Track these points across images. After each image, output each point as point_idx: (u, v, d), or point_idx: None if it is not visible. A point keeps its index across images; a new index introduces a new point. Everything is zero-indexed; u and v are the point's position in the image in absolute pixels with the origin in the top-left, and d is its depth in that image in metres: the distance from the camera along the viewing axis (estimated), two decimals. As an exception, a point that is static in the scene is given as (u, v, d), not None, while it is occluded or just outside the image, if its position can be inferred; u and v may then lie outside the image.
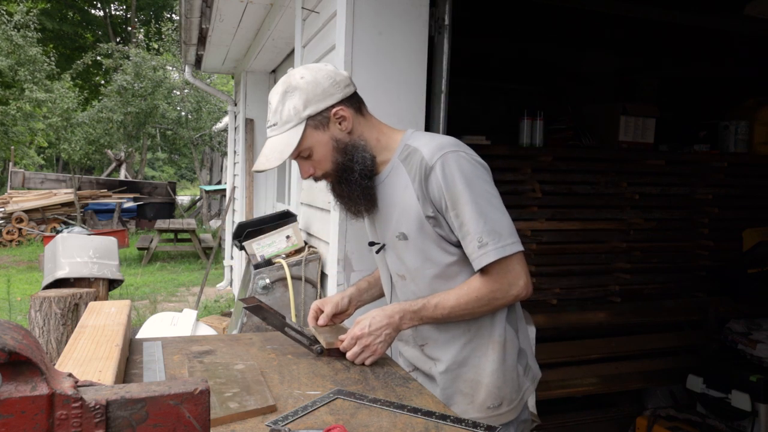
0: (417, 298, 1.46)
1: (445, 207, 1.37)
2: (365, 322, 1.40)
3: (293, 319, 2.51)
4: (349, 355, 1.40)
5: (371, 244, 1.59)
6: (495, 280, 1.36)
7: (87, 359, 1.13)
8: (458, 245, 1.41)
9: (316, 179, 1.50)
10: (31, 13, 16.78)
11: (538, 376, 1.57)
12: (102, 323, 1.39)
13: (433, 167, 1.36)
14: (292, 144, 1.39)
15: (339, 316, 1.63)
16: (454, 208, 1.36)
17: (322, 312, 1.61)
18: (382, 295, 1.71)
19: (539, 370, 1.58)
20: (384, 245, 1.53)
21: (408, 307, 1.41)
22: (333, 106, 1.41)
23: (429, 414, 1.10)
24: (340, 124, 1.42)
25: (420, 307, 1.40)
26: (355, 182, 1.44)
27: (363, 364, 1.40)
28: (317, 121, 1.40)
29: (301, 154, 1.43)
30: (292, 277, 2.56)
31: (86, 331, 1.31)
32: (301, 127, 1.39)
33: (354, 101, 1.46)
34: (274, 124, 1.42)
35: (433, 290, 1.45)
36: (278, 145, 1.41)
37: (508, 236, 1.35)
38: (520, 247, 1.36)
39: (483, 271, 1.37)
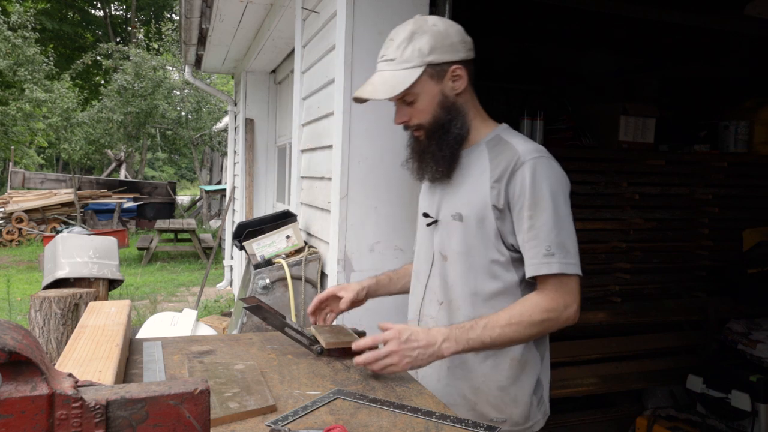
0: (452, 285, 1.43)
1: (521, 206, 1.34)
2: (404, 332, 1.27)
3: (293, 319, 2.51)
4: (366, 357, 1.26)
5: (425, 215, 1.53)
6: (552, 298, 1.32)
7: (87, 359, 1.13)
8: (511, 248, 1.38)
9: (408, 128, 1.46)
10: (28, 13, 16.78)
11: (547, 414, 1.51)
12: (102, 323, 1.39)
13: (524, 164, 1.34)
14: (405, 83, 1.36)
15: (354, 304, 1.59)
16: (531, 209, 1.32)
17: (338, 297, 1.58)
18: (399, 292, 1.67)
19: (549, 408, 1.52)
20: (437, 221, 1.49)
21: (453, 330, 1.29)
22: (454, 63, 1.39)
23: (429, 414, 1.10)
24: (453, 82, 1.40)
25: (468, 327, 1.30)
26: (446, 143, 1.41)
27: (374, 373, 1.29)
28: (435, 70, 1.38)
29: (405, 97, 1.40)
30: (292, 277, 2.56)
31: (86, 331, 1.31)
32: (419, 71, 1.37)
33: (471, 68, 1.44)
34: (391, 59, 1.39)
35: (467, 281, 1.41)
36: (390, 80, 1.38)
37: (574, 256, 1.33)
38: (580, 271, 1.34)
39: (539, 287, 1.34)
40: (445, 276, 1.46)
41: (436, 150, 1.42)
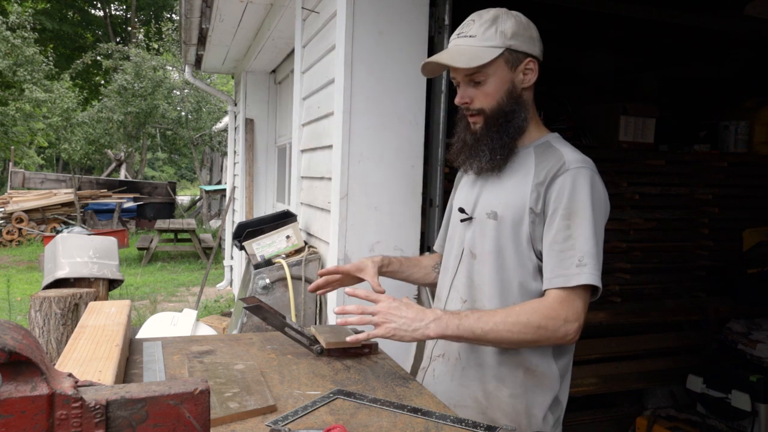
0: (478, 285, 1.40)
1: (554, 212, 1.31)
2: (397, 300, 1.29)
3: (293, 319, 2.51)
4: (350, 306, 1.28)
5: (461, 210, 1.49)
6: (554, 308, 1.27)
7: (87, 359, 1.13)
8: (539, 256, 1.34)
9: (468, 110, 1.42)
10: (27, 13, 16.79)
11: None
12: (102, 323, 1.39)
13: (567, 170, 1.32)
14: (483, 58, 1.34)
15: (362, 273, 1.54)
16: (568, 218, 1.29)
17: (356, 278, 1.55)
18: (403, 279, 1.65)
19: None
20: (471, 218, 1.45)
21: (445, 314, 1.28)
22: (530, 56, 1.38)
23: (429, 414, 1.10)
24: (525, 74, 1.39)
25: (462, 315, 1.28)
26: (505, 133, 1.38)
27: (357, 333, 1.32)
28: (513, 57, 1.36)
29: (475, 76, 1.37)
30: (292, 277, 2.56)
31: (86, 331, 1.31)
32: (498, 51, 1.35)
33: (539, 69, 1.42)
34: (471, 35, 1.37)
35: (493, 282, 1.38)
36: (468, 53, 1.35)
37: (597, 269, 1.30)
38: (600, 283, 1.31)
39: (546, 295, 1.30)
40: (471, 275, 1.44)
41: (496, 137, 1.39)
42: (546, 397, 1.39)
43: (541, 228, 1.34)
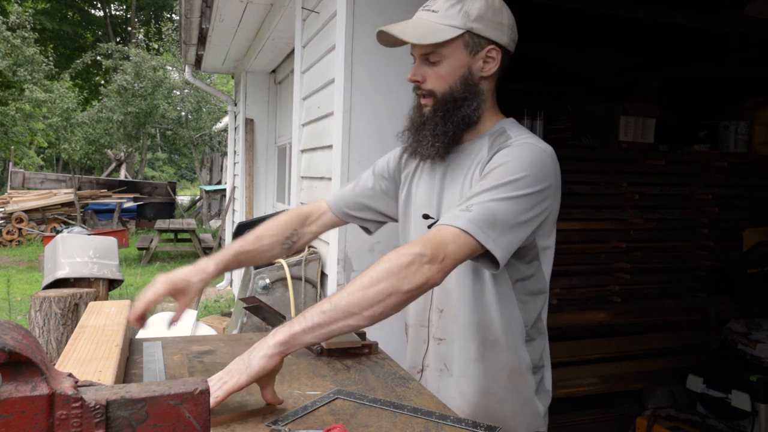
0: (449, 291, 1.31)
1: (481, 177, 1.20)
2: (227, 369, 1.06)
3: (293, 319, 2.51)
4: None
5: (425, 216, 1.38)
6: (412, 245, 1.06)
7: (87, 359, 1.12)
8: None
9: (419, 89, 1.32)
10: (27, 13, 16.79)
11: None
12: (102, 323, 1.38)
13: (510, 145, 1.22)
14: (438, 37, 1.24)
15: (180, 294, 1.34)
16: (486, 177, 1.17)
17: (179, 291, 1.33)
18: (260, 264, 1.51)
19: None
20: (437, 220, 1.33)
21: (278, 328, 1.07)
22: (493, 42, 1.27)
23: (429, 414, 1.10)
24: (485, 62, 1.28)
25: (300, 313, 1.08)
26: (450, 120, 1.28)
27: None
28: (473, 41, 1.26)
29: (431, 55, 1.27)
30: (292, 277, 2.56)
31: (86, 331, 1.31)
32: (457, 32, 1.24)
33: (506, 60, 1.32)
34: (433, 11, 1.27)
35: (463, 285, 1.30)
36: (424, 28, 1.26)
37: (496, 232, 1.11)
38: (494, 249, 1.11)
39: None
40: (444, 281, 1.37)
41: (440, 123, 1.29)
42: (529, 386, 1.35)
43: None
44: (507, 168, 1.16)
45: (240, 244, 1.47)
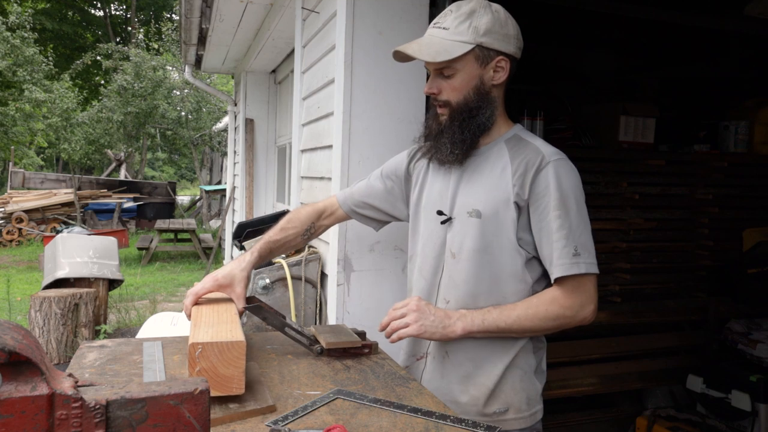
0: (459, 284, 1.42)
1: (545, 205, 1.35)
2: (421, 301, 1.38)
3: (293, 319, 2.51)
4: (385, 319, 1.38)
5: (439, 213, 1.49)
6: (570, 297, 1.34)
7: (215, 322, 1.23)
8: (527, 248, 1.39)
9: (436, 101, 1.45)
10: (27, 13, 16.79)
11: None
12: (215, 297, 1.48)
13: (549, 163, 1.36)
14: (451, 53, 1.36)
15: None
16: (559, 209, 1.34)
17: (225, 286, 1.46)
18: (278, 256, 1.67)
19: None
20: (451, 218, 1.46)
21: (468, 312, 1.36)
22: (502, 53, 1.39)
23: (429, 414, 1.10)
24: (495, 72, 1.40)
25: (484, 311, 1.36)
26: (467, 128, 1.40)
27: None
28: (483, 54, 1.38)
29: (445, 70, 1.39)
30: (292, 277, 2.56)
31: (203, 305, 1.41)
32: (468, 48, 1.36)
33: (513, 67, 1.43)
34: (444, 28, 1.38)
35: (479, 280, 1.40)
36: (437, 46, 1.37)
37: (594, 256, 1.36)
38: (597, 270, 1.36)
39: (557, 285, 1.36)
40: (452, 274, 1.45)
41: (457, 132, 1.41)
42: (529, 366, 1.45)
43: (526, 220, 1.38)
44: (569, 196, 1.36)
45: (269, 235, 1.65)
